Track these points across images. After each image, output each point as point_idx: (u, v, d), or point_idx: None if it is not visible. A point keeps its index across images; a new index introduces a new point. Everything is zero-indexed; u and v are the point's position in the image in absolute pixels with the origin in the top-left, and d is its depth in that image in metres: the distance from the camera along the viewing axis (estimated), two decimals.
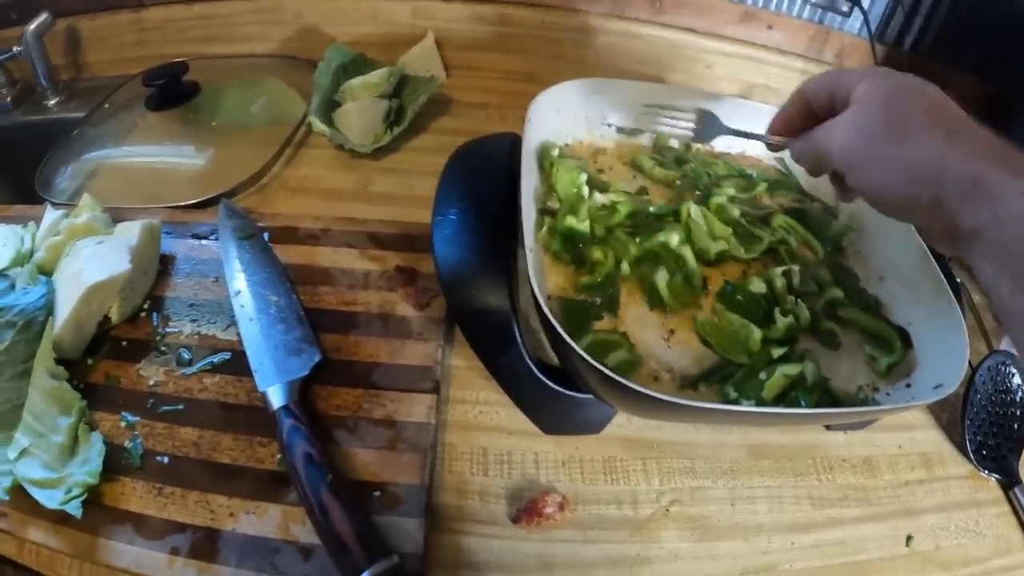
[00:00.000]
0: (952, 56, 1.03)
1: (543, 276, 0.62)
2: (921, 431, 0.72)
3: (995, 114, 0.94)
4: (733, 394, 0.57)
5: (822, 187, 0.81)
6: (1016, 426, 0.72)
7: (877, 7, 1.01)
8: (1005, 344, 0.78)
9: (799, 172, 0.83)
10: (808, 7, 1.04)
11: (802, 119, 0.56)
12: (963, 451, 0.69)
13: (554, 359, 0.59)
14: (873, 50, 1.01)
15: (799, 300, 0.66)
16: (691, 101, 0.72)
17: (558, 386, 0.57)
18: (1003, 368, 0.74)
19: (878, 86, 0.49)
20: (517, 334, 0.55)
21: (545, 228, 0.64)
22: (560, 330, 0.50)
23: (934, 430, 0.72)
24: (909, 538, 0.63)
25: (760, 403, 0.56)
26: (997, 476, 0.68)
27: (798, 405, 0.58)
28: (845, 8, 1.02)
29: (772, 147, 0.61)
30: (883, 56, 1.03)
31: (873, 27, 1.01)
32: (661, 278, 0.62)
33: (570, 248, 0.64)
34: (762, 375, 0.58)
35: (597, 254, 0.63)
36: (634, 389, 0.49)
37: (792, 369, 0.58)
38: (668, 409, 0.56)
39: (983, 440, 0.70)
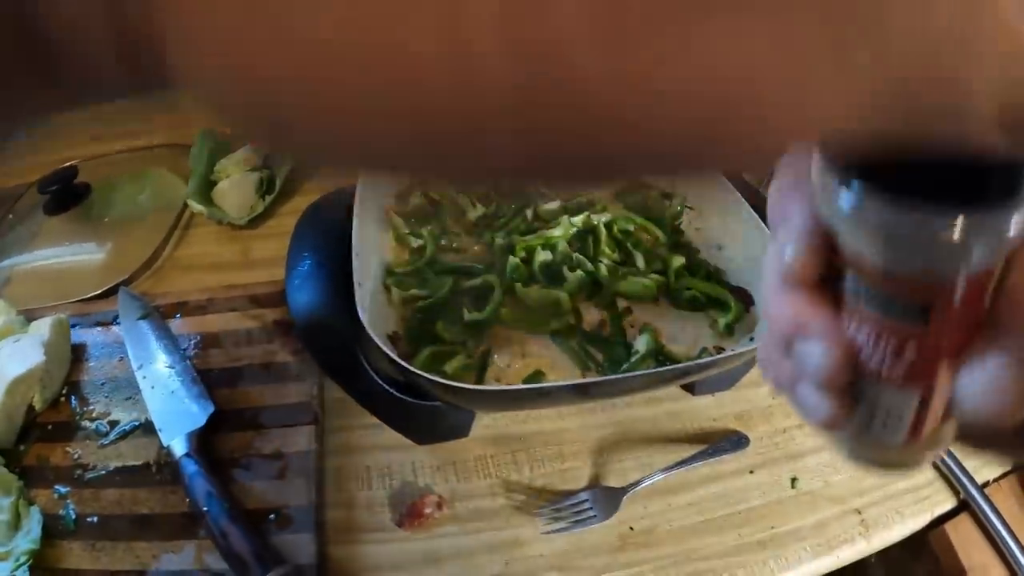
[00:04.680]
0: None
1: (381, 304, 0.72)
2: None
3: None
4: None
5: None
6: None
7: None
8: None
9: None
10: None
11: None
12: None
13: None
14: None
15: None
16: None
17: (413, 399, 0.64)
18: None
19: None
20: (364, 361, 0.63)
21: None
22: (393, 355, 0.59)
23: None
24: (794, 480, 0.67)
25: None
26: None
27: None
28: None
29: None
30: None
31: None
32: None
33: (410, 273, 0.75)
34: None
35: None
36: (461, 388, 0.58)
37: None
38: (507, 398, 0.65)
39: None
